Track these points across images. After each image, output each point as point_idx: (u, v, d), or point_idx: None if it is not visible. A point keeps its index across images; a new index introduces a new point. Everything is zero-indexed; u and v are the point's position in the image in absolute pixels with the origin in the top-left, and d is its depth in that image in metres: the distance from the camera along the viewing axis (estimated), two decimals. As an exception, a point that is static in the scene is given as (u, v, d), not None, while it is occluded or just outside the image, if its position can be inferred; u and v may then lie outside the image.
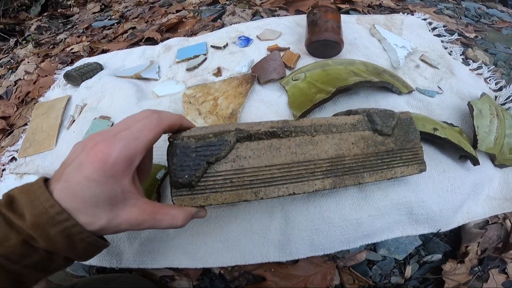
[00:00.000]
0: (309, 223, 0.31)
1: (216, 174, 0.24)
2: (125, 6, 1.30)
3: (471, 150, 0.32)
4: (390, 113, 0.29)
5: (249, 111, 0.38)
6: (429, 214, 0.31)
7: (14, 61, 1.05)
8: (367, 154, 0.27)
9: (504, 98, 0.42)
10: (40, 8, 1.90)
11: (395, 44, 0.46)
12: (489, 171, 0.35)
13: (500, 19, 0.75)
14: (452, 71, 0.45)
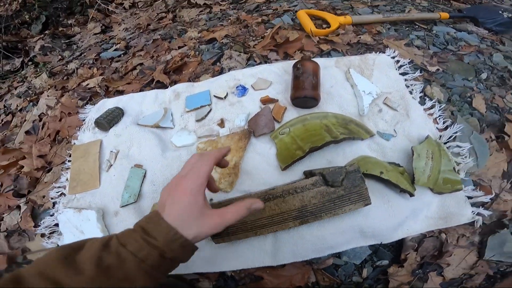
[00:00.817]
0: (290, 239, 0.46)
1: (232, 227, 0.42)
2: (125, 28, 1.41)
3: (406, 186, 0.46)
4: (338, 170, 0.43)
5: (247, 162, 0.52)
6: (374, 231, 0.46)
7: (32, 92, 1.16)
8: (323, 202, 0.42)
9: (446, 138, 0.55)
10: (41, 26, 1.96)
11: (363, 90, 0.58)
12: (428, 198, 0.49)
13: (466, 44, 0.86)
14: (408, 113, 0.58)
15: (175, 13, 1.21)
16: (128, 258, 0.29)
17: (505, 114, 0.68)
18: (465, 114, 0.64)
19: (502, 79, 0.77)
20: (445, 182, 0.50)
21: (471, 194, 0.51)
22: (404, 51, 0.73)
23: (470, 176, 0.55)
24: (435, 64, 0.72)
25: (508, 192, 0.57)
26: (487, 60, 0.81)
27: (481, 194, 0.52)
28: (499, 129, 0.64)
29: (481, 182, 0.56)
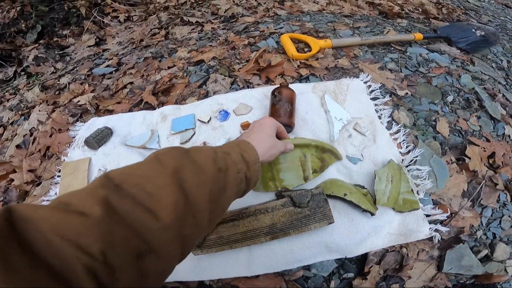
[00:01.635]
0: (263, 252, 0.52)
1: (209, 241, 0.48)
2: (119, 42, 1.45)
3: (368, 207, 0.52)
4: (305, 193, 0.50)
5: None
6: (339, 247, 0.52)
7: (23, 106, 1.18)
8: (291, 220, 0.49)
9: (408, 161, 0.61)
10: (36, 36, 1.97)
11: (335, 117, 0.64)
12: (389, 216, 0.55)
13: (437, 65, 0.92)
14: (375, 138, 0.63)
15: (168, 30, 1.25)
16: (231, 166, 0.34)
17: (468, 137, 0.73)
18: (429, 137, 0.70)
19: (467, 102, 0.83)
20: (404, 202, 0.55)
21: (429, 213, 0.58)
22: (377, 75, 0.79)
23: (430, 196, 0.61)
24: (404, 87, 0.78)
25: (468, 209, 0.63)
26: (455, 82, 0.88)
27: (438, 213, 0.58)
28: (460, 152, 0.70)
29: (441, 201, 0.62)
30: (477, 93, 0.86)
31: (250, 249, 0.52)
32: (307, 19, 1.08)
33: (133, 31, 1.48)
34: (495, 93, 0.89)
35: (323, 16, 1.13)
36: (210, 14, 1.29)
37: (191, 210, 0.26)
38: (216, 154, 0.34)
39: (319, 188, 0.51)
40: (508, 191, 0.68)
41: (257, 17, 1.14)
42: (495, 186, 0.67)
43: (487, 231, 0.63)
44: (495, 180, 0.68)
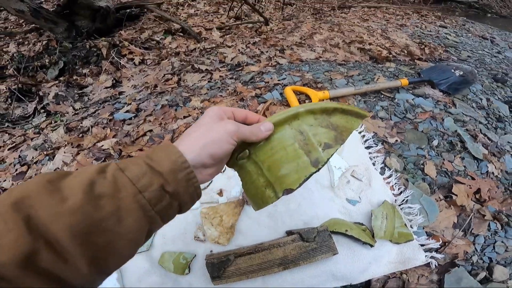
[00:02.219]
0: (276, 281, 0.60)
1: (228, 272, 0.56)
2: (134, 85, 1.59)
3: (367, 240, 0.62)
4: (312, 230, 0.60)
5: (241, 223, 0.68)
6: (343, 275, 0.61)
7: (48, 146, 1.28)
8: (300, 253, 0.58)
9: (400, 201, 0.71)
10: (58, 72, 2.04)
11: (335, 166, 0.74)
12: (388, 247, 0.65)
13: (422, 110, 1.04)
14: (371, 182, 0.73)
15: (180, 76, 1.39)
16: (125, 186, 0.25)
17: (454, 177, 0.83)
18: (418, 180, 0.79)
19: (451, 144, 0.93)
20: (399, 235, 0.66)
21: (424, 242, 0.67)
22: (370, 124, 0.90)
23: (423, 228, 0.71)
24: (394, 135, 0.89)
25: (460, 238, 0.72)
26: (439, 126, 0.99)
27: (432, 242, 0.67)
28: (448, 190, 0.80)
29: (434, 232, 0.71)
30: (460, 135, 0.97)
31: (264, 279, 0.60)
32: (306, 69, 1.22)
33: (147, 75, 1.62)
34: (476, 134, 1.00)
35: (320, 65, 1.27)
36: (218, 62, 1.44)
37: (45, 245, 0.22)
38: (101, 174, 0.25)
39: (323, 226, 0.62)
40: (498, 221, 0.76)
41: (261, 66, 1.28)
42: (483, 217, 0.76)
43: (483, 256, 0.70)
44: (482, 212, 0.76)
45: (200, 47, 1.72)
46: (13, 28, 2.58)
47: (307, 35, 1.71)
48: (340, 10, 2.74)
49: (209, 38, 1.92)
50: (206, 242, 0.66)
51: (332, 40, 1.66)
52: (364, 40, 1.73)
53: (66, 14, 2.04)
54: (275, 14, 2.54)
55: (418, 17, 3.03)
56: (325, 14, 2.51)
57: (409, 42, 1.94)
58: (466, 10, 4.61)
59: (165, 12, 2.43)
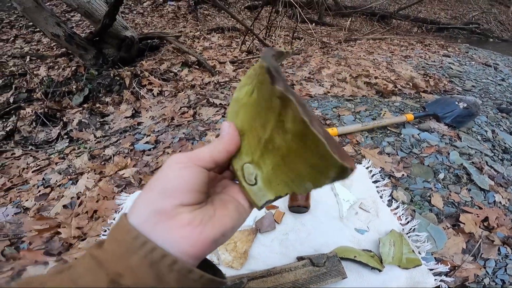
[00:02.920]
0: None
1: None
2: (152, 116, 1.72)
3: (375, 265, 0.67)
4: (322, 256, 0.66)
5: (254, 250, 0.74)
6: None
7: (72, 171, 1.38)
8: (311, 277, 0.63)
9: (407, 230, 0.77)
10: (82, 99, 2.16)
11: (343, 199, 0.79)
12: (397, 272, 0.69)
13: (428, 144, 1.10)
14: (378, 214, 0.79)
15: (196, 109, 1.51)
16: None
17: (461, 207, 0.87)
18: (425, 210, 0.84)
19: (457, 177, 0.98)
20: (408, 261, 0.70)
21: (433, 267, 0.71)
22: (377, 160, 0.96)
23: (432, 254, 0.75)
24: (400, 170, 0.94)
25: (470, 263, 0.74)
26: (444, 160, 1.04)
27: (441, 266, 0.71)
28: (455, 219, 0.84)
29: (443, 258, 0.75)
30: (466, 168, 1.01)
31: None
32: (316, 105, 1.32)
33: (164, 107, 1.76)
34: (482, 166, 1.04)
35: (329, 101, 1.38)
36: (231, 96, 1.56)
37: None
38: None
39: (333, 252, 0.68)
40: (508, 245, 0.79)
41: (273, 101, 1.38)
42: (492, 242, 0.79)
43: (495, 278, 0.72)
44: (491, 238, 0.79)
45: (214, 81, 1.87)
46: (44, 51, 2.83)
47: (315, 70, 1.85)
48: (347, 43, 2.93)
49: (223, 71, 2.09)
50: (220, 266, 0.71)
51: (339, 74, 1.78)
52: (370, 73, 1.85)
53: (95, 42, 2.24)
54: (284, 49, 2.74)
55: (422, 47, 3.18)
56: (332, 48, 2.69)
57: (414, 74, 2.05)
58: (468, 36, 4.79)
59: (183, 44, 2.66)
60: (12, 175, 1.51)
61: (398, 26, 4.93)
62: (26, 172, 1.50)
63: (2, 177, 1.51)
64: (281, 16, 3.12)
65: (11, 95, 2.24)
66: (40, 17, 2.01)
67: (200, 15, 3.93)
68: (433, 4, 6.98)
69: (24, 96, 2.24)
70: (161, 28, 3.35)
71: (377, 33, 3.92)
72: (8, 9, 4.02)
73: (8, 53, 2.77)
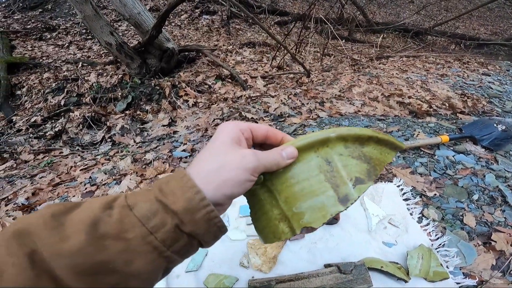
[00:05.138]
0: None
1: None
2: (186, 126, 1.87)
3: (401, 275, 0.71)
4: (349, 263, 0.71)
5: (283, 255, 0.80)
6: None
7: (116, 172, 1.54)
8: (337, 283, 0.68)
9: (436, 245, 0.80)
10: (125, 106, 2.39)
11: (373, 213, 0.84)
12: (422, 284, 0.71)
13: (463, 166, 1.11)
14: (407, 229, 0.83)
15: (229, 121, 1.64)
16: (134, 227, 0.24)
17: (493, 227, 0.88)
18: (456, 228, 0.87)
19: (492, 198, 0.99)
20: (435, 274, 0.73)
21: (460, 281, 0.73)
22: (408, 179, 1.00)
23: (460, 269, 0.76)
24: (433, 189, 0.97)
25: (498, 278, 0.75)
26: (480, 182, 1.05)
27: (469, 281, 0.72)
28: (487, 237, 0.86)
29: (472, 273, 0.76)
30: (501, 190, 1.02)
31: None
32: (346, 124, 1.39)
33: (199, 118, 1.92)
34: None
35: (360, 120, 1.43)
36: (263, 112, 1.68)
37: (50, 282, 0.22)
38: (106, 211, 0.25)
39: (360, 261, 0.72)
40: None
41: (302, 119, 1.48)
42: None
43: None
44: None
45: (246, 95, 2.01)
46: (94, 58, 3.16)
47: (346, 88, 1.92)
48: (378, 61, 2.97)
49: (254, 86, 2.23)
50: (250, 269, 0.78)
51: (371, 93, 1.83)
52: (404, 93, 1.87)
53: (140, 52, 2.49)
54: (314, 65, 2.84)
55: (459, 65, 3.11)
56: (363, 65, 2.74)
57: (451, 93, 2.03)
58: (510, 53, 4.55)
59: (217, 57, 2.87)
60: (60, 172, 1.72)
61: (433, 42, 4.85)
62: (74, 170, 1.70)
63: (51, 173, 1.72)
64: (311, 32, 3.25)
65: (63, 98, 2.55)
66: (97, 25, 2.31)
67: (232, 29, 4.20)
68: (471, 20, 6.78)
69: (74, 100, 2.53)
70: (196, 40, 3.63)
71: (411, 50, 3.90)
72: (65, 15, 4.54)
73: (62, 58, 3.14)
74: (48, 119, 2.40)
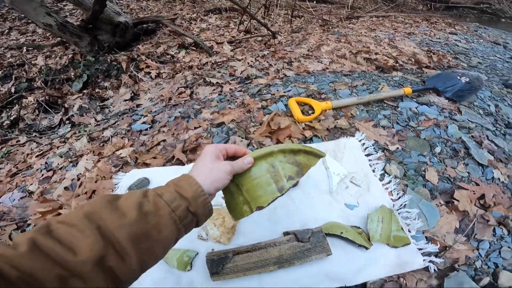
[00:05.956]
0: (272, 280, 0.63)
1: (227, 268, 0.61)
2: (150, 98, 1.69)
3: (362, 242, 0.65)
4: (306, 231, 0.64)
5: (241, 225, 0.73)
6: (337, 275, 0.63)
7: (72, 154, 1.38)
8: (295, 252, 0.62)
9: (398, 206, 0.74)
10: (82, 85, 2.18)
11: (334, 172, 0.77)
12: (385, 250, 0.67)
13: (426, 118, 1.05)
14: (369, 188, 0.76)
15: (193, 89, 1.48)
16: (163, 207, 0.36)
17: (456, 183, 0.83)
18: (418, 186, 0.81)
19: (455, 151, 0.94)
20: (396, 239, 0.68)
21: (422, 247, 0.68)
22: (371, 133, 0.93)
23: (423, 233, 0.72)
24: (395, 143, 0.91)
25: (463, 243, 0.71)
26: (442, 133, 1.00)
27: (431, 246, 0.68)
28: (450, 196, 0.80)
29: (435, 237, 0.72)
30: (464, 142, 0.97)
31: (260, 277, 0.63)
32: (312, 81, 1.28)
33: (162, 88, 1.73)
34: (482, 140, 1.00)
35: (326, 76, 1.32)
36: (228, 75, 1.52)
37: (113, 248, 0.31)
38: (145, 198, 0.36)
39: (318, 227, 0.65)
40: (504, 226, 0.75)
41: (269, 79, 1.34)
42: (487, 222, 0.74)
43: (488, 261, 0.69)
44: (486, 218, 0.75)
45: (212, 61, 1.82)
46: (40, 41, 2.79)
47: (314, 47, 1.78)
48: (348, 21, 2.80)
49: (221, 51, 2.03)
50: (209, 241, 0.71)
51: (339, 51, 1.71)
52: (371, 50, 1.76)
53: (89, 29, 2.19)
54: (284, 27, 2.63)
55: (427, 24, 3.01)
56: (333, 26, 2.57)
57: (417, 50, 1.95)
58: (479, 16, 4.52)
59: (179, 27, 2.58)
60: (18, 161, 1.53)
61: (404, 3, 4.68)
62: (30, 158, 1.51)
63: (8, 164, 1.53)
64: (280, -6, 2.98)
65: (12, 85, 2.25)
66: (29, 8, 1.96)
67: (198, -4, 3.79)
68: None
69: (25, 86, 2.26)
70: (157, 12, 3.25)
71: (380, 10, 3.73)
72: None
73: (4, 45, 2.76)
74: (2, 108, 2.15)
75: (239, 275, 0.61)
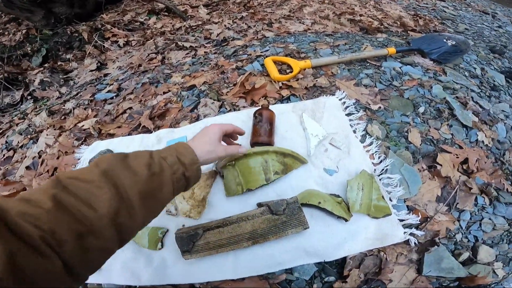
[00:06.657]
0: (247, 256, 0.57)
1: (198, 246, 0.54)
2: (119, 66, 1.53)
3: (341, 213, 0.58)
4: (280, 202, 0.56)
5: (213, 197, 0.65)
6: (316, 250, 0.57)
7: (32, 130, 1.25)
8: (269, 226, 0.54)
9: (379, 171, 0.66)
10: (41, 59, 2.01)
11: (312, 133, 0.70)
12: (365, 222, 0.60)
13: (410, 78, 0.98)
14: (350, 151, 0.69)
15: (164, 54, 1.33)
16: (166, 169, 0.39)
17: (439, 145, 0.78)
18: (401, 148, 0.75)
19: (438, 111, 0.88)
20: (376, 209, 0.61)
21: (403, 217, 0.62)
22: (352, 91, 0.85)
23: (405, 202, 0.66)
24: (378, 102, 0.84)
25: (444, 214, 0.66)
26: (426, 93, 0.93)
27: (412, 217, 0.62)
28: (433, 159, 0.74)
29: (416, 206, 0.66)
30: (448, 103, 0.91)
31: (235, 253, 0.57)
32: (292, 41, 1.16)
33: (132, 56, 1.56)
34: (466, 101, 0.94)
35: (307, 36, 1.20)
36: (203, 39, 1.38)
37: (125, 204, 0.33)
38: (152, 159, 0.38)
39: (293, 198, 0.57)
40: (486, 195, 0.71)
41: (247, 40, 1.21)
42: (470, 190, 0.70)
43: (468, 234, 0.65)
44: (469, 185, 0.70)
45: (186, 25, 1.64)
46: None
47: (296, 8, 1.62)
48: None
49: (196, 15, 1.83)
50: (178, 217, 0.63)
51: (322, 12, 1.57)
52: (355, 11, 1.64)
53: (41, 2, 1.96)
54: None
55: (415, -11, 2.87)
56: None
57: (403, 14, 1.84)
58: None
59: (149, -9, 2.31)
60: (-21, 144, 1.38)
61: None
62: (-10, 138, 1.36)
63: None
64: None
65: (-35, 67, 2.01)
66: None
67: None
68: None
69: (-21, 66, 2.02)
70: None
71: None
72: None
73: None
74: (-39, 92, 1.93)
75: (211, 253, 0.54)
